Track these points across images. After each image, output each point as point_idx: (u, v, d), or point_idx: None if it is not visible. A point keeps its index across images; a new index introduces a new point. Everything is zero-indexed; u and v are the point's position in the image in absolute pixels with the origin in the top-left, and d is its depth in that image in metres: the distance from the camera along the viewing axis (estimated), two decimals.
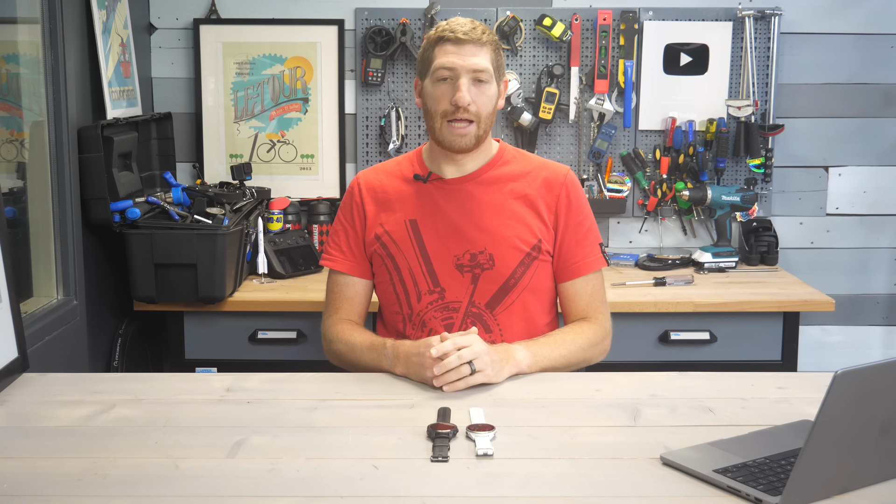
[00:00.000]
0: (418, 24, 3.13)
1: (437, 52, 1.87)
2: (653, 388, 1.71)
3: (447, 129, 1.88)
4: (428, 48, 1.90)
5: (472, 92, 1.85)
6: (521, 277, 1.92)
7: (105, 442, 1.46)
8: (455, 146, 1.89)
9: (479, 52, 1.85)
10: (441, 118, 1.88)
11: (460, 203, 1.94)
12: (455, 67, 1.85)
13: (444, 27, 1.88)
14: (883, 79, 3.21)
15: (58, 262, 2.39)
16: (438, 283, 1.92)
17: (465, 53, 1.85)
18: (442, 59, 1.86)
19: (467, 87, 1.85)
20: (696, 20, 3.15)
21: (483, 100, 1.88)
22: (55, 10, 2.34)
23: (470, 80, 1.85)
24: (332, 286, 2.02)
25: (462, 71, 1.85)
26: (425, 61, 1.91)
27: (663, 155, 3.18)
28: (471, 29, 1.86)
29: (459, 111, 1.85)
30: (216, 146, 3.20)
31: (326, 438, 1.48)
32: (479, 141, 1.91)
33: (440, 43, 1.87)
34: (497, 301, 1.92)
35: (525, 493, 1.29)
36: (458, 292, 1.92)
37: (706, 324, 2.72)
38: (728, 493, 1.27)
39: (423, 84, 1.92)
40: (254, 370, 1.84)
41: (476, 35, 1.85)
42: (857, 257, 3.30)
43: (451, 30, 1.86)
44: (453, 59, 1.85)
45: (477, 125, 1.88)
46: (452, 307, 1.92)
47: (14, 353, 1.75)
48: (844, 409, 1.19)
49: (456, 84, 1.85)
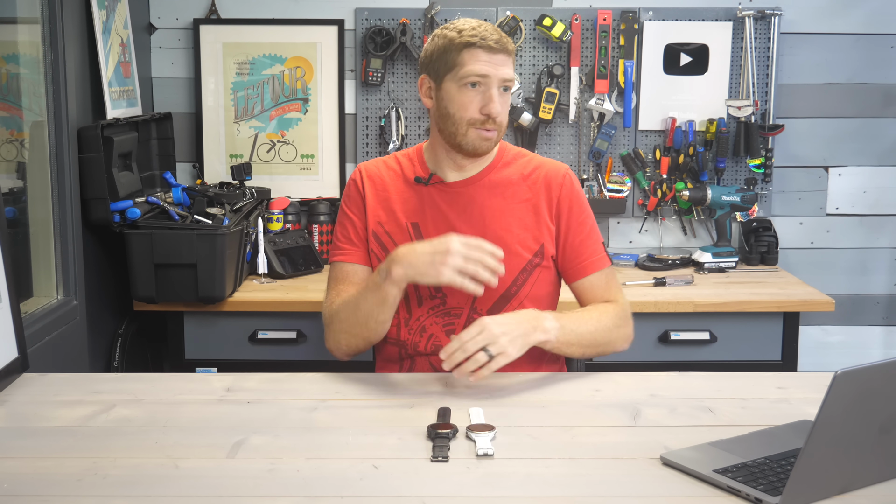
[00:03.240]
0: (418, 24, 3.13)
1: (465, 56, 1.83)
2: (653, 388, 1.71)
3: (474, 133, 1.86)
4: (452, 50, 1.85)
5: (501, 101, 1.86)
6: (522, 285, 1.90)
7: (105, 442, 1.46)
8: (479, 151, 1.88)
9: (507, 61, 1.85)
10: (468, 125, 1.85)
11: (462, 207, 1.93)
12: (489, 75, 1.83)
13: (473, 32, 1.84)
14: (883, 79, 3.21)
15: (58, 262, 2.39)
16: (440, 288, 1.89)
17: (498, 63, 1.83)
18: (474, 65, 1.83)
19: (498, 97, 1.84)
20: (696, 20, 3.15)
21: (506, 108, 1.89)
22: (55, 10, 2.35)
23: (499, 89, 1.85)
24: (337, 276, 1.97)
25: (495, 80, 1.83)
26: (448, 63, 1.86)
27: (663, 155, 3.18)
28: (500, 37, 1.85)
29: (489, 121, 1.84)
30: (216, 146, 3.20)
31: (326, 438, 1.48)
32: (495, 146, 1.93)
33: (470, 48, 1.83)
34: (499, 308, 1.89)
35: (525, 493, 1.30)
36: (459, 298, 1.90)
37: (706, 324, 2.72)
38: (728, 493, 1.27)
39: (443, 86, 1.87)
40: (254, 370, 1.84)
41: (504, 44, 1.85)
42: (857, 257, 3.30)
43: (482, 36, 1.83)
44: (487, 68, 1.82)
45: (499, 132, 1.88)
46: (454, 313, 1.91)
47: (14, 353, 1.75)
48: (844, 409, 1.19)
49: (487, 94, 1.83)
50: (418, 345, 1.92)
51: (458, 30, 1.86)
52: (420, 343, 1.91)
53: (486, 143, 1.87)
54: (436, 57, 1.88)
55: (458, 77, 1.84)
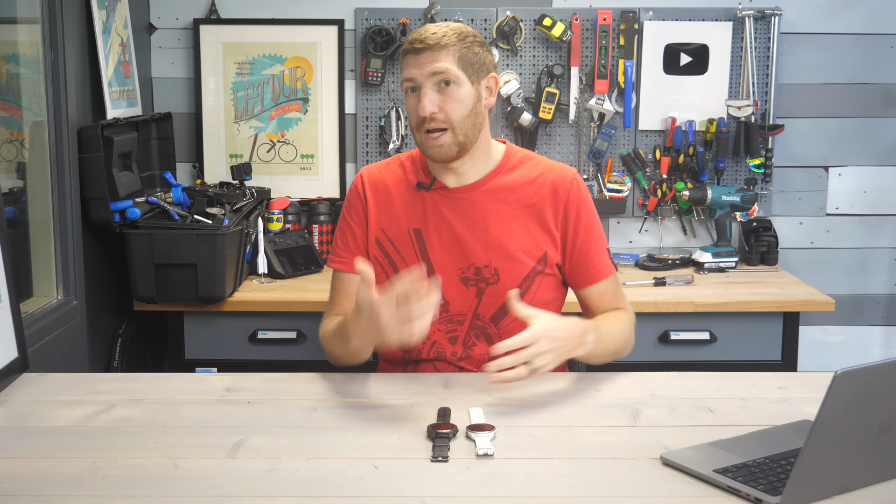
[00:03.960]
0: (418, 24, 3.13)
1: (403, 64, 1.84)
2: (653, 388, 1.71)
3: (424, 140, 1.83)
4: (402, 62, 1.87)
5: (438, 98, 1.80)
6: (525, 293, 1.87)
7: (105, 442, 1.46)
8: (435, 157, 1.83)
9: (438, 55, 1.78)
10: (416, 131, 1.84)
11: (464, 213, 1.89)
12: (414, 77, 1.80)
13: (411, 38, 1.82)
14: (883, 79, 3.21)
15: (58, 262, 2.39)
16: (442, 295, 1.86)
17: (424, 62, 1.79)
18: (405, 71, 1.82)
19: (430, 95, 1.79)
20: (696, 20, 3.15)
21: (452, 104, 1.79)
22: (55, 10, 2.35)
23: (434, 86, 1.80)
24: (335, 284, 1.97)
25: (421, 79, 1.80)
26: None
27: (663, 155, 3.18)
28: (430, 34, 1.80)
29: (427, 122, 1.80)
30: (216, 146, 3.20)
31: (326, 438, 1.48)
32: (462, 148, 1.82)
33: (406, 55, 1.83)
34: (501, 315, 1.88)
35: (525, 493, 1.29)
36: (462, 305, 1.89)
37: (706, 324, 2.72)
38: (728, 493, 1.27)
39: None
40: (254, 370, 1.84)
41: (433, 40, 1.79)
42: (857, 257, 3.30)
43: (411, 40, 1.81)
44: (413, 71, 1.80)
45: (452, 132, 1.81)
46: (457, 320, 1.89)
47: (14, 353, 1.75)
48: (844, 409, 1.19)
49: (419, 94, 1.81)
50: (421, 351, 1.91)
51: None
52: (423, 350, 1.91)
53: (438, 149, 1.81)
54: None
55: (404, 87, 1.85)
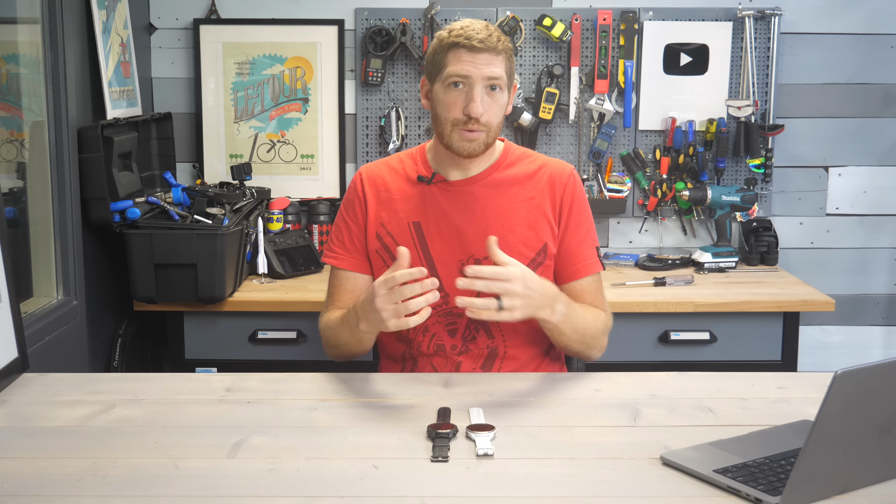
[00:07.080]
0: (418, 24, 3.13)
1: (450, 57, 1.82)
2: (653, 388, 1.71)
3: (457, 135, 1.84)
4: (440, 51, 1.85)
5: (485, 101, 1.82)
6: None
7: (105, 442, 1.46)
8: (464, 151, 1.86)
9: (494, 60, 1.81)
10: (451, 125, 1.84)
11: (464, 206, 1.92)
12: (470, 76, 1.80)
13: (459, 32, 1.82)
14: (883, 79, 3.21)
15: (58, 262, 2.39)
16: (442, 287, 1.88)
17: (481, 62, 1.80)
18: (456, 66, 1.81)
19: (481, 97, 1.81)
20: (696, 20, 3.15)
21: (495, 108, 1.84)
22: (55, 10, 2.35)
23: (484, 89, 1.82)
24: (332, 281, 2.00)
25: (477, 80, 1.81)
26: (436, 65, 1.85)
27: (663, 155, 3.18)
28: (487, 36, 1.81)
29: (471, 122, 1.82)
30: (216, 146, 3.20)
31: (326, 438, 1.48)
32: (487, 147, 1.88)
33: (454, 48, 1.82)
34: None
35: (525, 493, 1.30)
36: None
37: (706, 324, 2.72)
38: (728, 493, 1.27)
39: (434, 87, 1.87)
40: (254, 370, 1.84)
41: (492, 43, 1.81)
42: (857, 257, 3.30)
43: (467, 36, 1.81)
44: (468, 68, 1.80)
45: (487, 133, 1.85)
46: (456, 312, 1.90)
47: (14, 353, 1.75)
48: (844, 409, 1.19)
49: (470, 94, 1.81)
50: (421, 344, 1.92)
51: (449, 30, 1.85)
52: (423, 343, 1.92)
53: (469, 144, 1.85)
54: (430, 59, 1.89)
55: (444, 78, 1.84)
